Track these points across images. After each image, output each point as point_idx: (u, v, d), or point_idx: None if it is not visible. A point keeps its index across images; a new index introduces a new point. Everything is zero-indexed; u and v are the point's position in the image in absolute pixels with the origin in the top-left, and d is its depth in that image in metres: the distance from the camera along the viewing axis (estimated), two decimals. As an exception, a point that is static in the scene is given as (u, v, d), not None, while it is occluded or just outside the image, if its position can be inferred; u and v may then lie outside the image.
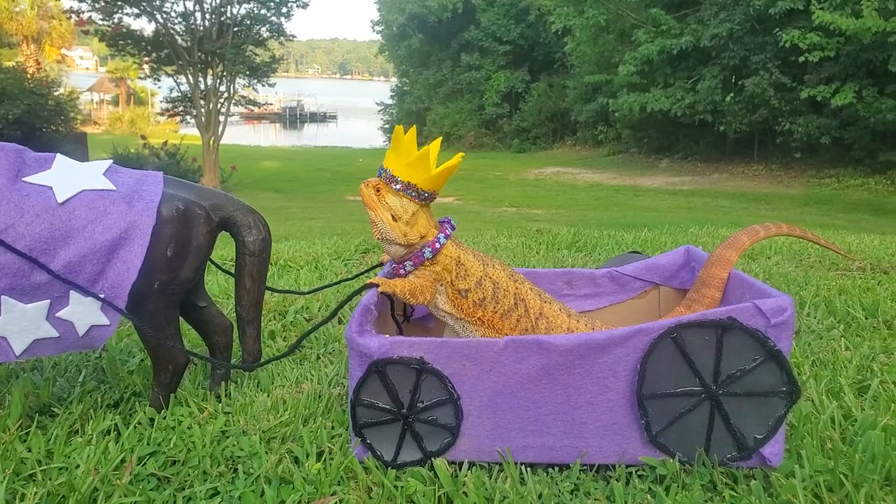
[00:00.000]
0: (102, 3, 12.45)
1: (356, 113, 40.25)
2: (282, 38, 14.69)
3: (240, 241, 1.08)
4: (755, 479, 0.86)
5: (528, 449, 0.90)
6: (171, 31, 13.19)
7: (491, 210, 10.71)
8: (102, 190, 0.97)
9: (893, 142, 11.75)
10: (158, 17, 13.02)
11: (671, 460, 0.88)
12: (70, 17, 12.61)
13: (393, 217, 0.99)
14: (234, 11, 13.67)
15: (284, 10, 14.19)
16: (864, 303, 1.72)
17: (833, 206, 11.16)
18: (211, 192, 1.07)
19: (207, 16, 13.41)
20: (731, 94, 12.95)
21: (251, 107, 15.22)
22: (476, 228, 3.98)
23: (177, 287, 1.01)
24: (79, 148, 11.36)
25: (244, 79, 14.14)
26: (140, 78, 15.64)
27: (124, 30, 12.96)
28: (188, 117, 14.28)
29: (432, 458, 0.90)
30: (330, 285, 1.17)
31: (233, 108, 14.77)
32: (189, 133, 15.84)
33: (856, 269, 2.20)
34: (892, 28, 10.23)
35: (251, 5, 13.88)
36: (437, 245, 1.02)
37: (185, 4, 13.21)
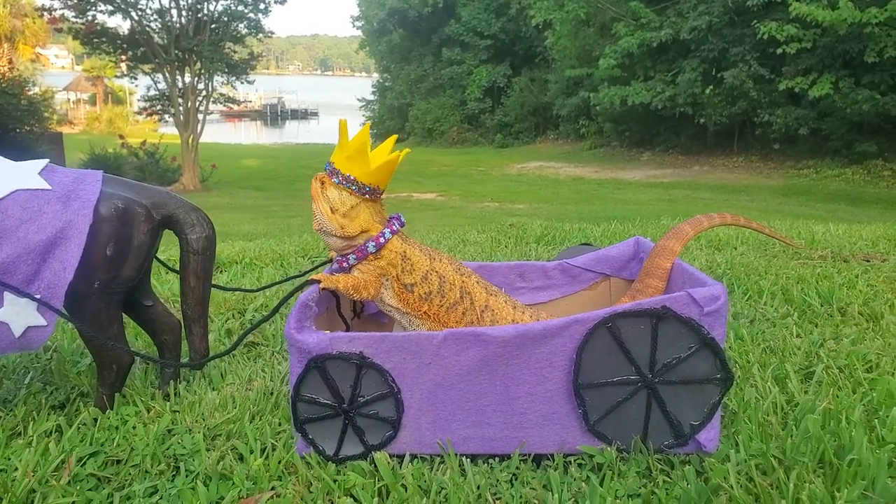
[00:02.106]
0: (75, 1, 12.25)
1: (338, 109, 40.04)
2: (260, 34, 14.56)
3: (183, 240, 1.07)
4: (689, 465, 0.87)
5: (469, 440, 0.91)
6: (147, 29, 13.02)
7: (473, 206, 10.71)
8: (37, 189, 0.96)
9: (870, 132, 11.93)
10: (133, 14, 12.84)
11: (609, 449, 0.89)
12: (42, 15, 12.39)
13: (332, 209, 1.00)
14: (211, 8, 13.52)
15: (262, 6, 14.06)
16: (820, 290, 1.74)
17: (811, 196, 11.32)
18: (153, 190, 1.07)
19: (184, 13, 13.25)
20: (711, 87, 13.07)
21: (230, 105, 15.09)
22: (451, 224, 3.99)
23: (118, 286, 1.00)
24: (54, 148, 11.20)
25: (222, 76, 14.00)
26: (116, 76, 15.43)
27: (98, 27, 12.77)
28: (166, 116, 14.13)
29: (374, 452, 0.90)
30: (278, 283, 1.17)
31: (212, 106, 14.63)
32: (168, 132, 15.67)
33: (817, 257, 2.24)
34: (867, 19, 10.37)
35: (228, 2, 13.74)
36: (382, 240, 1.02)
37: (160, 1, 13.02)
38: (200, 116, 13.47)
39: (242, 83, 14.94)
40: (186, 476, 0.86)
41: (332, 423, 0.91)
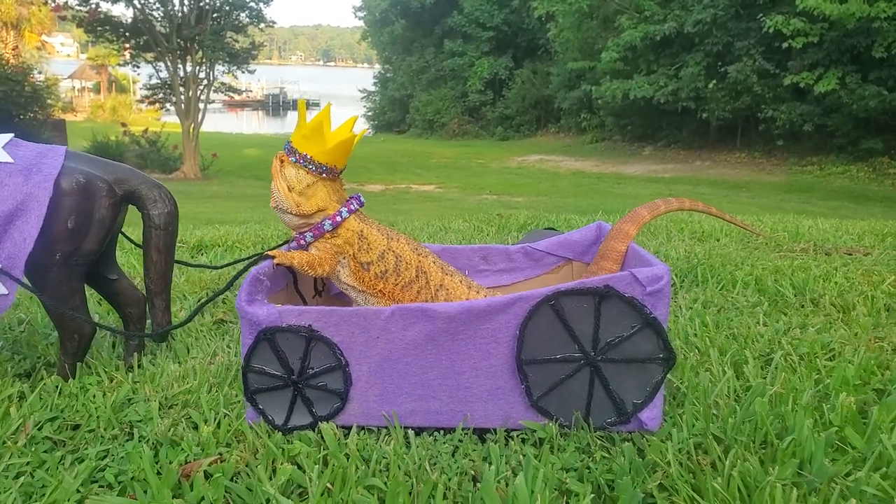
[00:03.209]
0: (79, -12, 12.25)
1: (340, 100, 39.93)
2: (262, 23, 14.54)
3: (145, 215, 1.09)
4: (629, 442, 0.89)
5: (415, 413, 0.93)
6: (150, 17, 13.01)
7: (472, 198, 10.72)
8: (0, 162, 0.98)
9: (876, 129, 11.84)
10: (136, 2, 12.83)
11: (550, 424, 0.91)
12: (47, 3, 12.39)
13: (288, 187, 1.01)
14: (213, -3, 13.50)
15: (264, -6, 14.03)
16: (795, 282, 1.75)
17: (814, 193, 11.27)
18: (116, 166, 1.08)
19: (186, 2, 13.24)
20: (714, 81, 12.99)
21: (231, 94, 15.08)
22: (442, 215, 4.00)
23: (80, 258, 1.02)
24: (57, 135, 11.23)
25: (224, 65, 13.99)
26: (119, 65, 15.44)
27: (102, 15, 12.77)
28: (168, 104, 14.14)
29: (322, 423, 0.92)
30: (242, 260, 1.19)
31: (214, 96, 14.64)
32: (170, 121, 15.68)
33: (799, 250, 2.25)
34: (876, 13, 10.26)
35: (230, -9, 13.71)
36: (339, 218, 1.03)
37: (163, -10, 13.00)
38: (202, 105, 13.48)
39: (244, 72, 14.94)
40: (139, 441, 0.88)
41: (282, 394, 0.92)
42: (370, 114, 25.40)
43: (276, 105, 35.16)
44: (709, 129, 14.51)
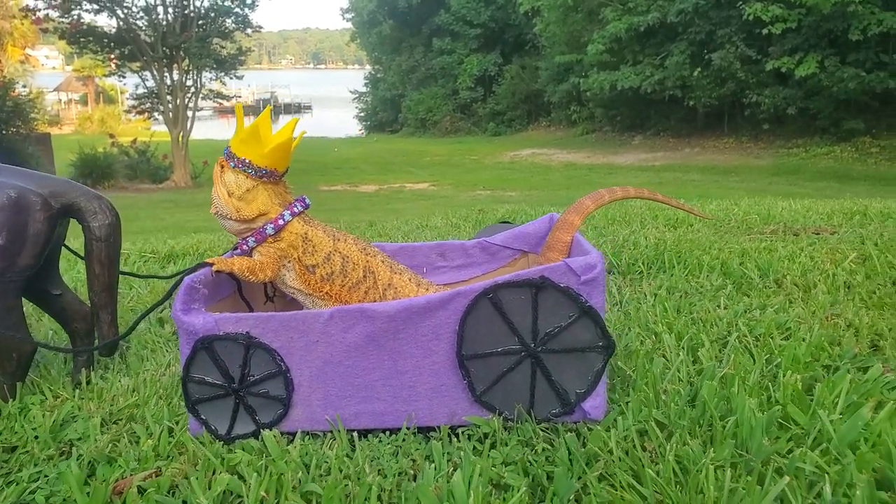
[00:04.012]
0: (59, 0, 12.20)
1: (331, 102, 40.02)
2: (248, 29, 14.50)
3: (86, 227, 1.08)
4: (571, 433, 0.89)
5: (360, 415, 0.92)
6: (134, 27, 12.97)
7: (465, 194, 10.72)
8: (-70, 180, 0.97)
9: (857, 110, 11.89)
10: (119, 12, 12.79)
11: (494, 418, 0.90)
12: (27, 16, 12.34)
13: (228, 193, 1.01)
14: (198, 4, 13.47)
15: (248, 0, 14.00)
16: (760, 263, 1.76)
17: (801, 175, 11.30)
18: (52, 179, 1.07)
19: (170, 9, 13.20)
20: (699, 69, 13.02)
21: (220, 100, 15.04)
22: (434, 212, 4.00)
23: (14, 275, 1.01)
24: (42, 149, 11.18)
25: (211, 72, 13.96)
26: (105, 76, 15.39)
27: (84, 26, 12.73)
28: (156, 114, 14.11)
29: (266, 430, 0.92)
30: (190, 269, 1.18)
31: (203, 103, 14.61)
32: (160, 130, 15.64)
33: (769, 232, 2.25)
34: (851, -3, 10.30)
35: (214, -3, 13.68)
36: (281, 222, 1.03)
37: (146, -1, 12.97)
38: (190, 113, 13.45)
39: (232, 78, 14.90)
40: (77, 460, 0.88)
41: (224, 403, 0.92)
42: (362, 114, 25.37)
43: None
44: (696, 117, 14.54)
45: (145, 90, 13.80)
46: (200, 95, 13.87)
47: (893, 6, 10.64)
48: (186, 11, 13.29)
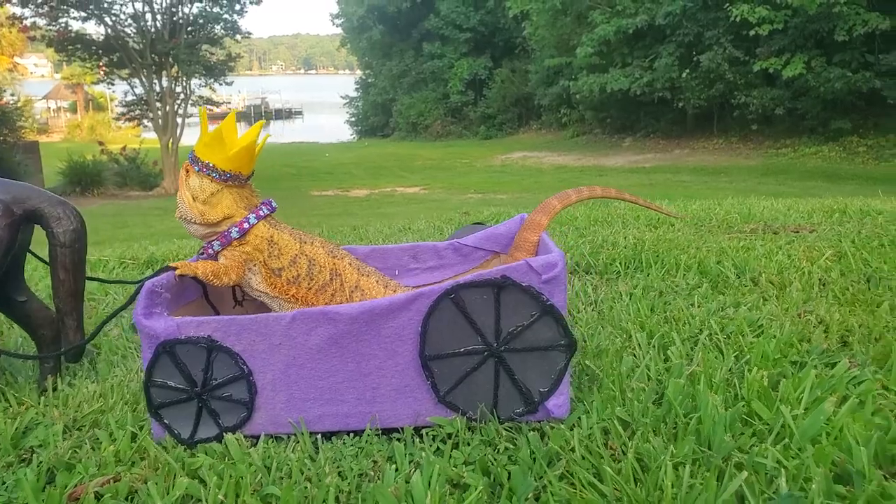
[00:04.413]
0: (47, 8, 12.16)
1: (322, 108, 40.04)
2: (237, 35, 14.50)
3: (50, 233, 1.07)
4: (534, 432, 0.89)
5: (324, 418, 0.92)
6: (122, 34, 12.94)
7: (456, 197, 10.73)
8: None
9: (843, 110, 12.00)
10: (107, 19, 12.76)
11: (457, 418, 0.90)
12: (14, 24, 12.29)
13: (193, 197, 1.00)
14: (186, 11, 13.46)
15: (237, 6, 14.01)
16: (737, 261, 1.76)
17: (789, 175, 11.38)
18: (14, 185, 1.07)
19: (158, 16, 13.18)
20: (688, 71, 13.12)
21: (210, 107, 15.01)
22: (411, 216, 3.99)
23: (-23, 281, 1.00)
24: (30, 157, 11.12)
25: (200, 79, 13.94)
26: (94, 83, 15.34)
27: (72, 34, 12.69)
28: (145, 120, 14.06)
29: (230, 433, 0.91)
30: (155, 274, 1.17)
31: (192, 109, 14.58)
32: (150, 137, 15.60)
33: (749, 231, 2.26)
34: (836, -2, 10.42)
35: (203, 4, 13.67)
36: (246, 225, 1.02)
37: (134, 6, 12.95)
38: (180, 120, 13.41)
39: (221, 84, 14.89)
40: (37, 466, 0.87)
41: (187, 407, 0.92)
42: (353, 119, 25.38)
43: (258, 116, 35.08)
44: (686, 118, 14.62)
45: (134, 97, 13.77)
46: (190, 102, 13.84)
47: (878, 7, 10.76)
48: (175, 18, 13.28)
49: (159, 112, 13.09)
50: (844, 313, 1.37)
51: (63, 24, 12.40)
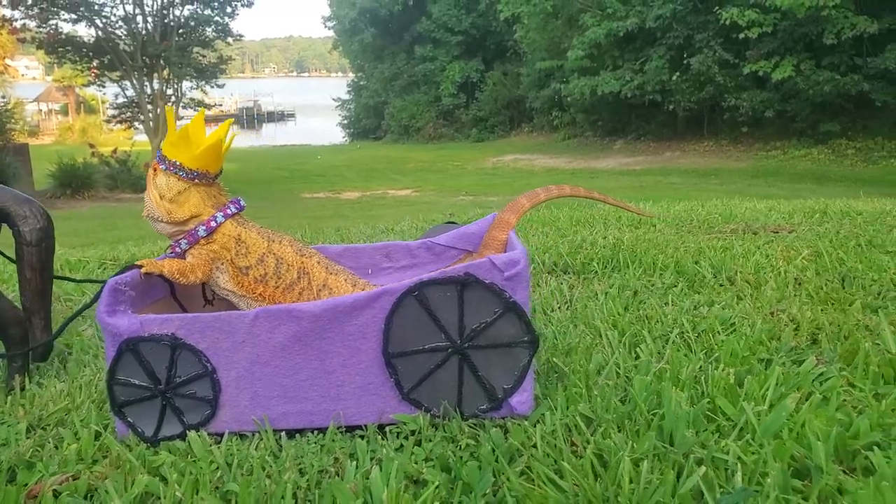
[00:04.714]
0: (37, 10, 12.12)
1: (315, 110, 40.02)
2: (229, 37, 14.49)
3: (16, 232, 1.07)
4: (497, 428, 0.89)
5: (288, 415, 0.92)
6: (112, 36, 12.91)
7: (447, 199, 10.74)
8: None
9: (832, 112, 12.10)
10: (98, 21, 12.73)
11: (420, 415, 0.91)
12: (4, 26, 12.23)
13: (160, 196, 1.00)
14: (178, 13, 13.45)
15: (229, 9, 14.01)
16: (714, 261, 1.77)
17: (779, 177, 11.46)
18: (-20, 184, 1.06)
19: (150, 19, 13.16)
20: (678, 73, 13.19)
21: (201, 108, 14.97)
22: (400, 218, 3.99)
23: (-58, 280, 1.00)
24: (20, 160, 11.04)
25: (192, 81, 13.92)
26: (84, 85, 15.29)
27: (62, 36, 12.65)
28: (136, 123, 14.02)
29: (194, 431, 0.91)
30: (120, 271, 1.17)
31: (183, 112, 14.55)
32: (142, 139, 15.54)
33: (729, 231, 2.27)
34: (824, 2, 10.52)
35: (194, 6, 13.67)
36: (213, 224, 1.02)
37: (125, 8, 12.92)
38: (170, 122, 13.37)
39: (213, 87, 14.87)
40: (-1, 464, 0.86)
41: (151, 405, 0.91)
42: (346, 122, 25.37)
43: (250, 118, 35.03)
44: (676, 121, 14.69)
45: (125, 99, 13.73)
46: (181, 104, 13.82)
47: (866, 10, 10.86)
48: (166, 20, 13.27)
49: (150, 114, 13.05)
50: (816, 312, 1.38)
51: (53, 26, 12.34)
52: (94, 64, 13.25)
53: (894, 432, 0.89)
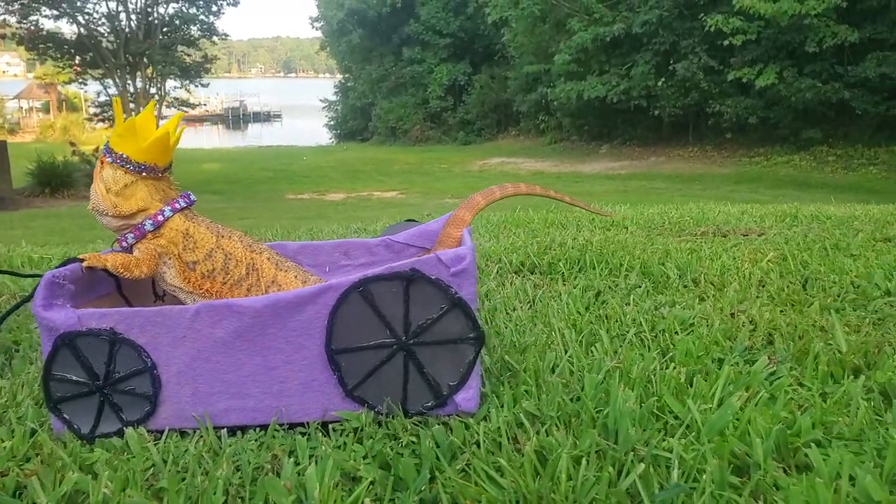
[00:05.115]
0: (18, 5, 11.96)
1: (302, 111, 39.86)
2: (214, 37, 14.40)
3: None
4: (441, 426, 0.88)
5: (230, 412, 0.91)
6: (95, 33, 12.78)
7: (433, 202, 10.73)
8: None
9: (814, 120, 12.27)
10: (80, 18, 12.59)
11: (364, 412, 0.90)
12: (-18, 21, 12.07)
13: (106, 189, 0.98)
14: (162, 11, 13.34)
15: (214, 8, 13.92)
16: (680, 263, 1.78)
17: (761, 183, 11.59)
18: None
19: (133, 17, 13.05)
20: (664, 79, 13.31)
21: (185, 108, 14.86)
22: (372, 217, 3.98)
23: None
24: (-2, 157, 10.86)
25: (175, 80, 13.81)
26: (66, 82, 15.11)
27: (43, 32, 12.50)
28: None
29: (131, 428, 0.89)
30: (61, 265, 1.14)
31: (167, 111, 14.42)
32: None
33: (700, 234, 2.29)
34: (806, 11, 10.68)
35: (179, 4, 13.57)
36: (160, 218, 1.01)
37: (108, 5, 12.79)
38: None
39: (197, 86, 14.76)
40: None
41: (88, 401, 0.89)
42: (332, 123, 25.29)
43: (235, 118, 34.79)
44: (662, 126, 14.82)
45: (108, 98, 13.58)
46: (165, 103, 13.70)
47: (847, 20, 11.03)
48: (150, 18, 13.15)
49: (133, 113, 12.91)
50: (775, 313, 1.39)
51: (34, 22, 12.19)
52: (77, 61, 13.10)
53: (835, 430, 0.89)
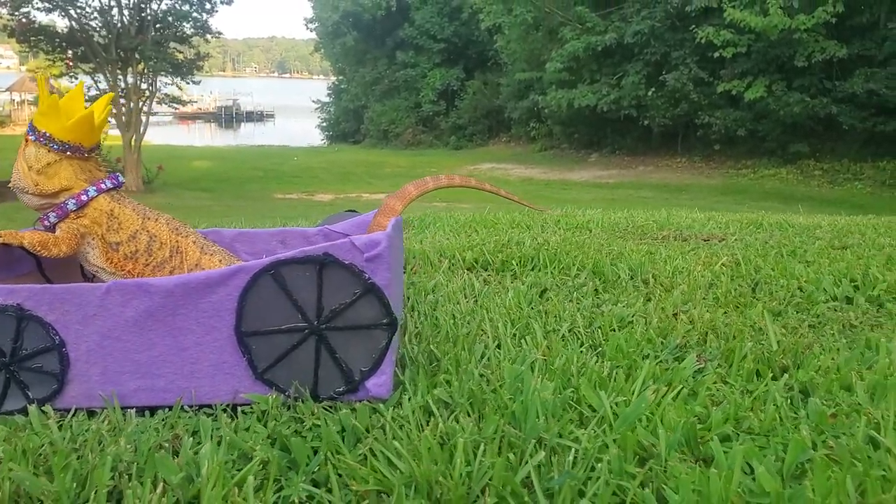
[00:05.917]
0: (8, -3, 11.89)
1: (295, 111, 39.81)
2: (208, 34, 14.35)
3: None
4: (349, 410, 0.88)
5: (140, 392, 0.90)
6: (87, 27, 12.71)
7: (421, 204, 10.70)
8: None
9: (802, 133, 12.38)
10: (72, 11, 12.53)
11: (272, 395, 0.89)
12: (-29, 11, 11.98)
13: (28, 167, 0.98)
14: (155, 7, 13.29)
15: (208, 6, 13.88)
16: (632, 264, 1.79)
17: (748, 195, 11.68)
18: None
19: (126, 11, 12.99)
20: (654, 89, 13.40)
21: (176, 105, 14.80)
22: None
23: None
24: (-16, 149, 10.78)
25: (167, 76, 13.75)
26: (57, 76, 15.01)
27: (34, 25, 12.42)
28: (109, 116, 13.80)
29: (38, 406, 0.88)
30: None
31: (165, 108, 14.36)
32: (114, 133, 15.29)
33: (661, 237, 2.30)
34: (796, 25, 10.80)
35: (172, 1, 13.52)
36: (84, 198, 1.00)
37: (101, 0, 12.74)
38: (144, 118, 13.19)
39: (189, 83, 14.70)
40: None
41: (-6, 378, 0.88)
42: (325, 125, 25.27)
43: (228, 117, 34.70)
44: (651, 136, 14.91)
45: (98, 92, 13.50)
46: (156, 100, 13.64)
47: (836, 35, 11.16)
48: (143, 14, 13.10)
49: (123, 108, 12.85)
50: (717, 314, 1.39)
51: (25, 14, 12.12)
52: (69, 55, 13.03)
53: (746, 425, 0.90)
